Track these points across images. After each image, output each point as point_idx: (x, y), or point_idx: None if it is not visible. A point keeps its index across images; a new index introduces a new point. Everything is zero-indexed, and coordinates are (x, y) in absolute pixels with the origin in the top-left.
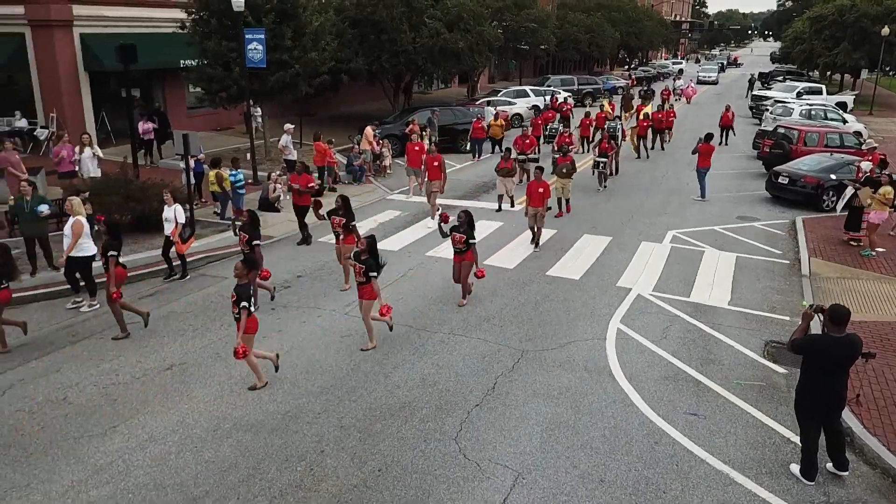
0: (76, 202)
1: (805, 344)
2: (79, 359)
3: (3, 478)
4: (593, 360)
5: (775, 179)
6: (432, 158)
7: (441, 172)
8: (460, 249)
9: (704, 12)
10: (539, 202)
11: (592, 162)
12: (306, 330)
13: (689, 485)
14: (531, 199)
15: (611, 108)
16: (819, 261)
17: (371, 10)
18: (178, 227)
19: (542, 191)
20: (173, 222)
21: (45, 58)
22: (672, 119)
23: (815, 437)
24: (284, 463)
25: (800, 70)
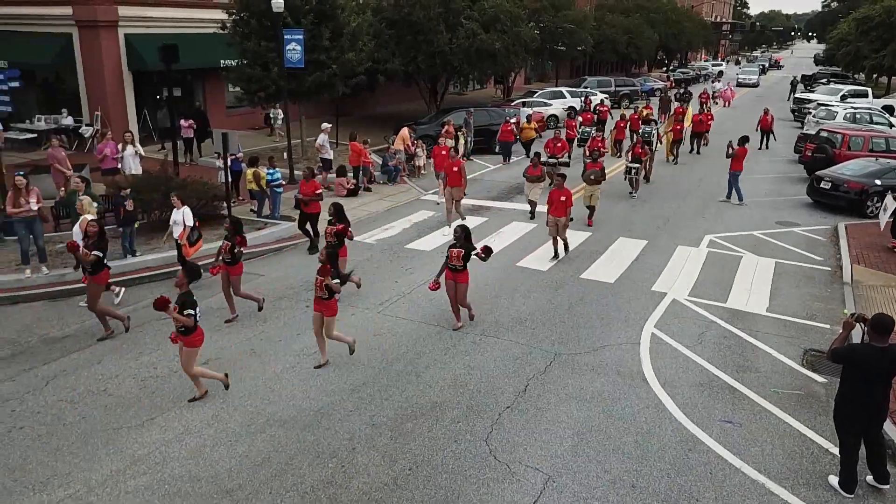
0: (86, 201)
1: (846, 353)
2: (119, 351)
3: (45, 465)
4: (626, 365)
5: (817, 184)
6: (452, 164)
7: (462, 178)
8: (456, 267)
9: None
10: (561, 211)
11: (625, 167)
12: (340, 327)
13: (724, 494)
14: (552, 207)
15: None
16: (862, 268)
17: (408, 11)
18: (185, 230)
19: (564, 199)
20: (181, 225)
21: (91, 57)
22: (709, 122)
23: (855, 448)
24: (316, 459)
25: (844, 72)
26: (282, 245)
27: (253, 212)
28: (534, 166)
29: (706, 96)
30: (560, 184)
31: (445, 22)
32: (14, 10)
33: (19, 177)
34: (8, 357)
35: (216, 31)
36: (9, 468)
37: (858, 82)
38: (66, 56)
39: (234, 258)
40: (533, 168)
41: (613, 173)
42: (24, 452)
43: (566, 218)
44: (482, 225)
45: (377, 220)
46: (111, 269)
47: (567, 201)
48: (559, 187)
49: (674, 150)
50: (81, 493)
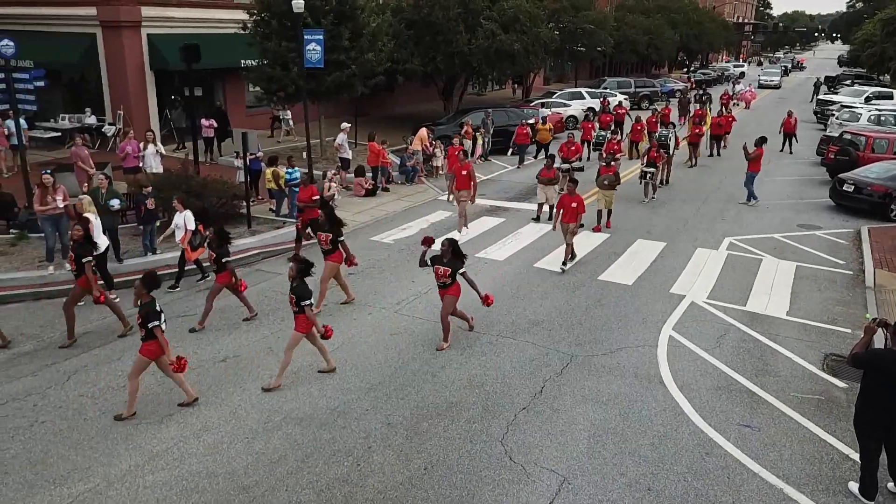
0: (86, 201)
1: (867, 358)
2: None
3: (66, 459)
4: (644, 367)
5: (840, 187)
6: (461, 167)
7: (470, 181)
8: (444, 283)
9: (769, 14)
10: (572, 217)
11: (640, 172)
12: (356, 326)
13: (741, 498)
14: (564, 213)
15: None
16: (885, 272)
17: (427, 12)
18: (187, 234)
19: (575, 205)
20: (183, 229)
21: (115, 57)
22: (730, 125)
23: (876, 454)
24: (332, 457)
25: (869, 74)
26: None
27: (272, 210)
28: (547, 168)
29: (727, 97)
30: (572, 189)
31: (465, 22)
32: (39, 11)
33: (47, 175)
34: (31, 352)
35: (237, 31)
36: (30, 462)
37: (884, 84)
38: (89, 56)
39: (219, 266)
40: (546, 170)
41: (630, 176)
42: (45, 446)
43: (576, 224)
44: (500, 226)
45: (395, 220)
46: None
47: (579, 207)
48: (571, 193)
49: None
50: (101, 488)
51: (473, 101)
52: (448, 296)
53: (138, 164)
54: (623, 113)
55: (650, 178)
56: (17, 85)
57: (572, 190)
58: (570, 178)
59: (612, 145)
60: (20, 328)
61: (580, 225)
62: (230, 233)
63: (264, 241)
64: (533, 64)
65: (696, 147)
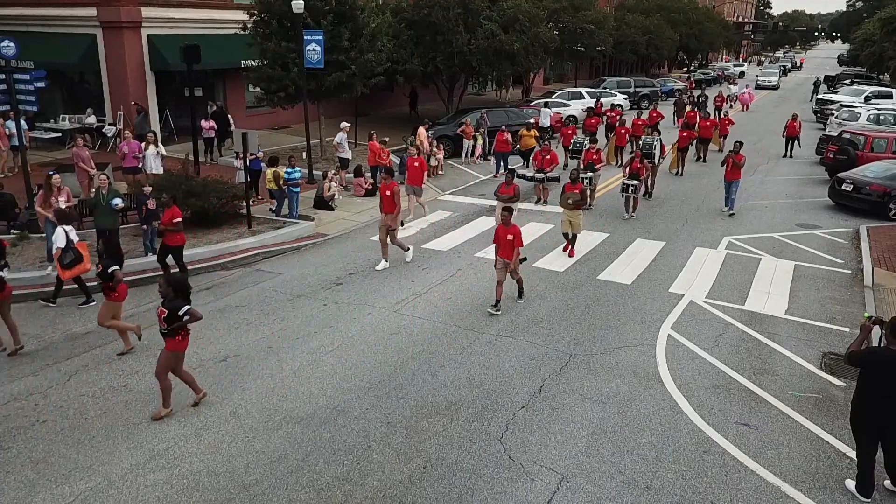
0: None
1: (863, 356)
2: (139, 347)
3: (67, 458)
4: (642, 366)
5: (839, 186)
6: (385, 187)
7: (394, 205)
8: (161, 331)
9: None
10: (508, 252)
11: (621, 184)
12: (356, 326)
13: (739, 496)
14: (499, 247)
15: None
16: (883, 271)
17: (427, 12)
18: (58, 251)
19: (511, 238)
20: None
21: (115, 58)
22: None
23: (872, 452)
24: (332, 456)
25: (869, 73)
26: (300, 244)
27: (272, 211)
28: (507, 184)
29: (721, 99)
30: (507, 219)
31: (464, 22)
32: (40, 12)
33: (56, 176)
34: (32, 352)
35: (237, 31)
36: (32, 460)
37: (883, 83)
38: (90, 56)
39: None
40: (506, 186)
41: (612, 187)
42: (47, 445)
43: (514, 262)
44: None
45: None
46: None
47: (516, 240)
48: (506, 223)
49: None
50: (102, 486)
51: (474, 102)
52: (163, 352)
53: (137, 164)
54: (615, 117)
55: (632, 191)
56: (18, 86)
57: (507, 220)
58: (505, 207)
59: (590, 155)
60: (21, 328)
61: (523, 258)
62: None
63: (264, 241)
64: (533, 64)
65: (685, 153)
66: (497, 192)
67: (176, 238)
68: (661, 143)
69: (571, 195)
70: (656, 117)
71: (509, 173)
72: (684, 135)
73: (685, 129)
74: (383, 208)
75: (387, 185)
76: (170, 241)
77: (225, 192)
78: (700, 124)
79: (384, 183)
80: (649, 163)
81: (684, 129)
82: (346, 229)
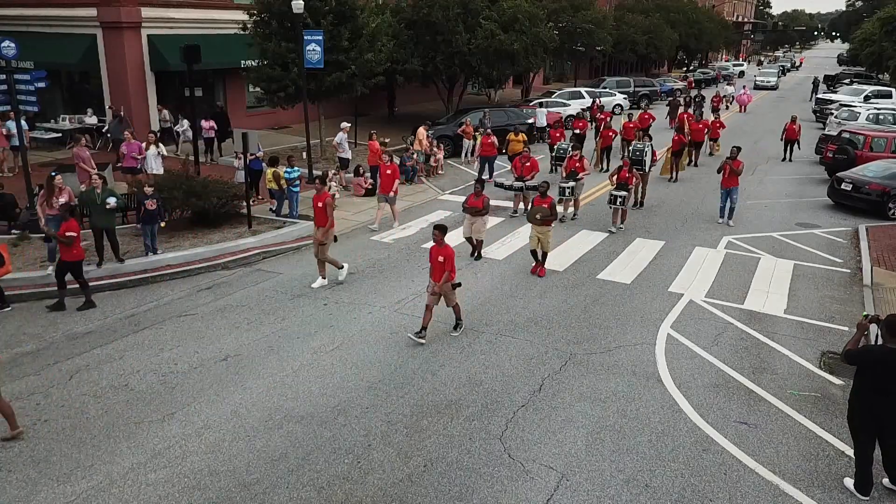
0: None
1: (860, 355)
2: (140, 347)
3: (69, 457)
4: (642, 365)
5: (838, 186)
6: (317, 198)
7: (326, 218)
8: None
9: (768, 13)
10: (440, 275)
11: (609, 195)
12: (357, 325)
13: (737, 495)
14: (431, 270)
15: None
16: (882, 270)
17: (427, 12)
18: None
19: (442, 260)
20: None
21: (115, 58)
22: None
23: (870, 450)
24: (332, 455)
25: (868, 72)
26: (300, 244)
27: (272, 211)
28: (476, 195)
29: (718, 100)
30: (439, 238)
31: (464, 22)
32: (40, 12)
33: (59, 177)
34: (33, 352)
35: (237, 31)
36: (34, 460)
37: (883, 83)
38: (90, 57)
39: None
40: (475, 197)
41: (598, 194)
42: (48, 445)
43: (442, 284)
44: (500, 225)
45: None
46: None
47: (447, 262)
48: (438, 244)
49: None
50: (104, 485)
51: (474, 102)
52: None
53: (136, 164)
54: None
55: (621, 203)
56: (19, 86)
57: (440, 240)
58: (437, 225)
59: (572, 162)
60: (22, 328)
61: (456, 284)
62: None
63: (265, 241)
64: (532, 64)
65: (679, 157)
66: (464, 204)
67: (71, 253)
68: (651, 148)
69: (540, 210)
70: (648, 119)
71: (478, 183)
72: (676, 139)
73: (678, 133)
74: (315, 221)
75: (319, 195)
76: (65, 256)
77: (225, 192)
78: (691, 127)
79: (316, 194)
80: (639, 170)
81: (677, 133)
82: (346, 229)
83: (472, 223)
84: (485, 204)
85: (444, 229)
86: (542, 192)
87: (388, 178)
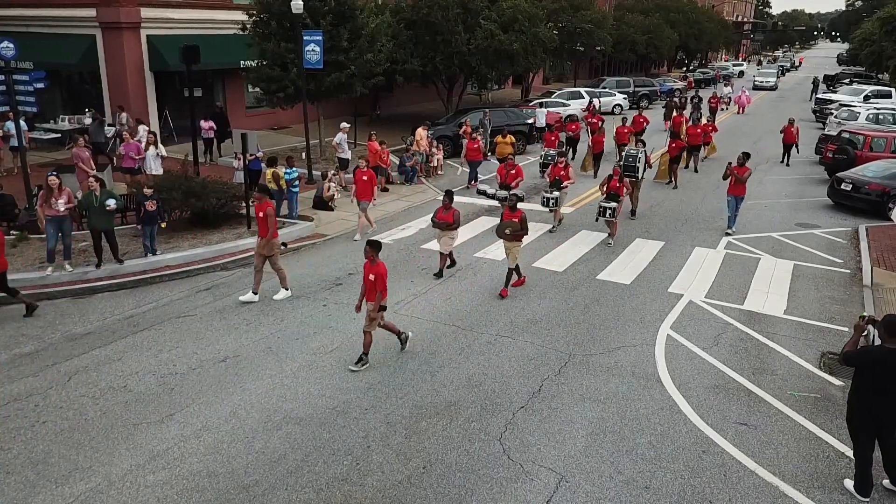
0: None
1: (859, 356)
2: (139, 348)
3: (67, 459)
4: (641, 366)
5: (838, 186)
6: (258, 207)
7: (268, 228)
8: None
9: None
10: (373, 294)
11: (598, 207)
12: (356, 326)
13: (737, 496)
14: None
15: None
16: (882, 271)
17: (426, 12)
18: None
19: (373, 278)
20: None
21: (114, 58)
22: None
23: (869, 451)
24: (332, 456)
25: (868, 72)
26: (300, 244)
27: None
28: (444, 208)
29: (716, 101)
30: (371, 255)
31: (464, 23)
32: (40, 13)
33: (52, 177)
34: (32, 353)
35: (236, 32)
36: (32, 461)
37: (882, 82)
38: (89, 57)
39: None
40: (444, 211)
41: (586, 202)
42: (46, 446)
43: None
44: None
45: (394, 220)
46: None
47: (378, 281)
48: (371, 260)
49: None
50: (102, 487)
51: (473, 102)
52: None
53: (135, 165)
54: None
55: (611, 215)
56: (18, 86)
57: (372, 256)
58: (370, 241)
59: (557, 170)
60: (21, 329)
61: (382, 307)
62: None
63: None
64: (532, 64)
65: (678, 163)
66: (433, 219)
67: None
68: (646, 154)
69: (509, 224)
70: (642, 123)
71: (446, 196)
72: (673, 145)
73: (674, 139)
74: (259, 232)
75: (260, 205)
76: None
77: (224, 192)
78: (688, 132)
79: (257, 203)
80: (632, 177)
81: (674, 139)
82: (345, 230)
83: (440, 237)
84: (455, 218)
85: (377, 246)
86: (511, 205)
87: (366, 185)
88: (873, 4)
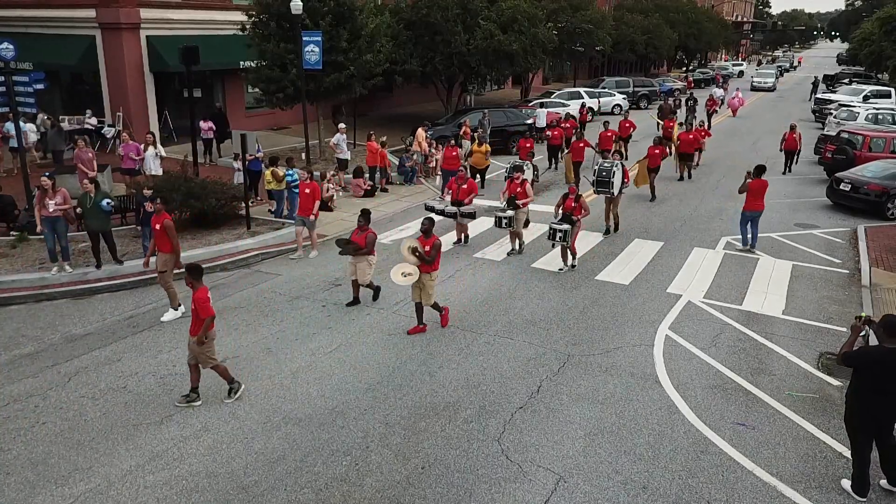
0: None
1: (858, 356)
2: (139, 349)
3: (67, 460)
4: (640, 367)
5: (837, 186)
6: (155, 219)
7: (168, 241)
8: None
9: (768, 12)
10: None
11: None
12: (355, 327)
13: (735, 496)
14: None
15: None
16: (881, 271)
17: (426, 12)
18: None
19: (194, 308)
20: None
21: (114, 59)
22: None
23: (867, 451)
24: (331, 457)
25: (868, 72)
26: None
27: (271, 212)
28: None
29: (713, 103)
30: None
31: (463, 23)
32: (39, 14)
33: (45, 178)
34: (32, 353)
35: (236, 32)
36: (32, 462)
37: (882, 82)
38: (89, 58)
39: None
40: (358, 232)
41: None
42: (46, 447)
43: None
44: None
45: (393, 221)
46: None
47: (199, 309)
48: (192, 287)
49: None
50: (102, 488)
51: (480, 101)
52: None
53: (135, 165)
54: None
55: (562, 239)
56: (17, 87)
57: (190, 283)
58: (188, 266)
59: (513, 187)
60: (21, 330)
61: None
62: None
63: (264, 241)
64: (531, 64)
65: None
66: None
67: None
68: (623, 167)
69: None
70: (628, 128)
71: (363, 216)
72: (656, 152)
73: (657, 145)
74: (157, 246)
75: (157, 216)
76: None
77: (224, 193)
78: (680, 137)
79: (155, 215)
80: (606, 193)
81: (656, 146)
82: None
83: (356, 264)
84: (367, 241)
85: (197, 271)
86: (425, 230)
87: (307, 198)
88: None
